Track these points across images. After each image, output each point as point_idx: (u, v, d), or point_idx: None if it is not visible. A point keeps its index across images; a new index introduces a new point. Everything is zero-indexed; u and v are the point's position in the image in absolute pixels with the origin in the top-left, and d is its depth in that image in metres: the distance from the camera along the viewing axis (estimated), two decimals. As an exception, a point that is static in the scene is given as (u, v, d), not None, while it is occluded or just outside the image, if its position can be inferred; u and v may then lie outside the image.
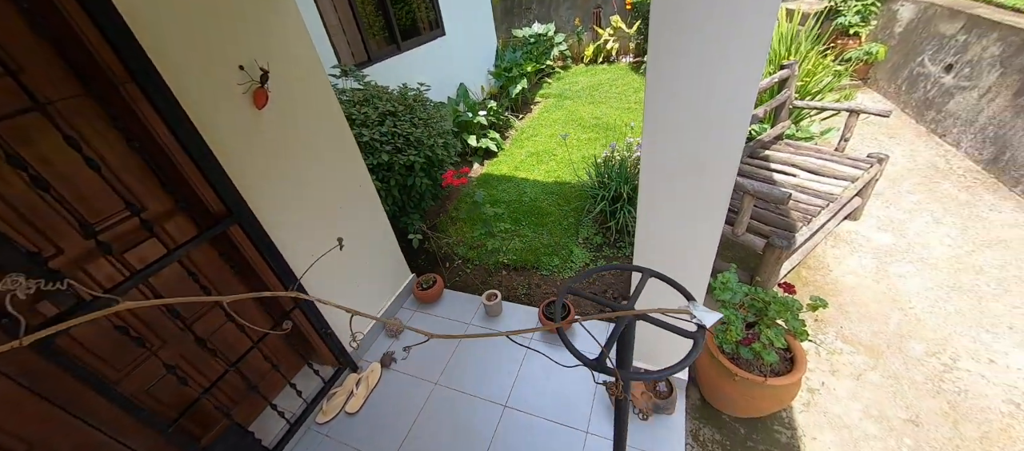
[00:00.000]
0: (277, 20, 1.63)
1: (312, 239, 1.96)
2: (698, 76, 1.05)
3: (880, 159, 2.64)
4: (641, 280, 0.90)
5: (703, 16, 0.96)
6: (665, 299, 0.98)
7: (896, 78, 4.48)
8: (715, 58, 1.01)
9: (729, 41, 0.97)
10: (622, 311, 0.51)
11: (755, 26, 0.93)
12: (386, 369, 2.31)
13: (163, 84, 1.28)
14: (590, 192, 3.25)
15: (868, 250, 2.71)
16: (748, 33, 0.94)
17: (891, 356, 2.09)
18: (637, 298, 0.84)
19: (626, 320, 0.76)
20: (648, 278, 0.90)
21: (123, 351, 1.46)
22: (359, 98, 2.67)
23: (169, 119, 1.31)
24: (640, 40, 6.55)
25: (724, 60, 1.00)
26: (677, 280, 1.00)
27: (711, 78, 1.04)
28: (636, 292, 0.86)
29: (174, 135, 1.35)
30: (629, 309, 0.72)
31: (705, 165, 1.19)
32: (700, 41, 1.00)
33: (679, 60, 1.04)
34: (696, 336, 0.70)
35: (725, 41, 0.98)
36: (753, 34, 0.94)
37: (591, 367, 0.65)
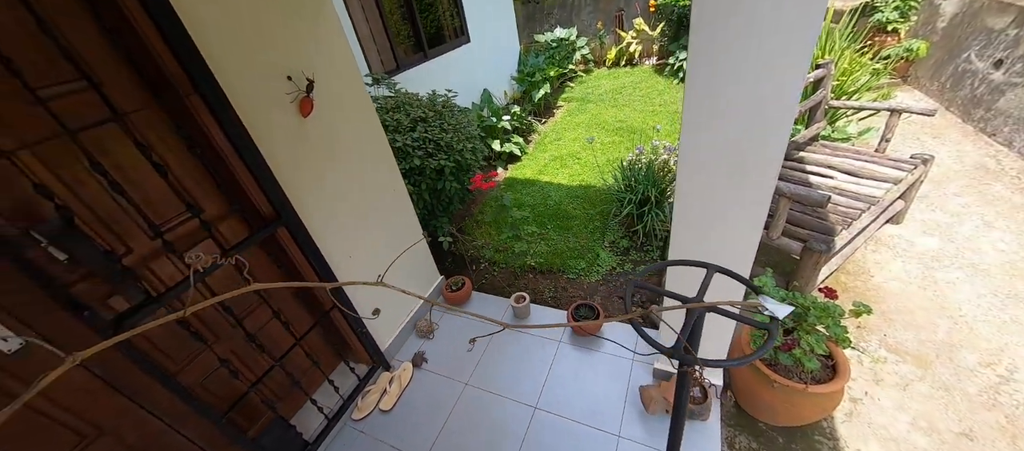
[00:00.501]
0: (322, 33, 1.72)
1: (350, 241, 2.03)
2: (740, 74, 1.05)
3: (924, 160, 2.53)
4: (707, 275, 0.91)
5: (746, 14, 0.96)
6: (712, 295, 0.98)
7: (939, 75, 4.27)
8: (759, 55, 1.01)
9: (774, 37, 0.97)
10: (694, 304, 0.52)
11: (801, 18, 0.93)
12: (417, 369, 2.36)
13: (222, 94, 1.37)
14: (616, 195, 3.23)
15: (913, 255, 2.59)
16: (794, 27, 0.94)
17: (941, 366, 1.99)
18: (704, 293, 0.85)
19: (697, 313, 0.77)
20: (713, 274, 0.91)
21: (182, 345, 1.56)
22: (391, 105, 2.76)
23: (226, 126, 1.40)
24: (664, 42, 6.48)
25: (768, 56, 1.00)
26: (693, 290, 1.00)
27: (754, 76, 1.04)
28: (702, 288, 0.87)
29: (230, 141, 1.44)
30: (700, 302, 0.73)
31: (746, 166, 1.18)
32: (743, 38, 1.00)
33: (720, 57, 1.05)
34: (770, 327, 0.71)
35: (769, 37, 0.97)
36: (799, 28, 0.94)
37: (668, 354, 0.67)
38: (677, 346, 0.73)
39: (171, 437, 1.54)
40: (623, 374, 2.11)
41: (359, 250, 2.09)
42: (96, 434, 1.35)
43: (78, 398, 1.29)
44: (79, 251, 1.15)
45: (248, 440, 1.68)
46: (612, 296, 2.66)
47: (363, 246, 2.12)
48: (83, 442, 1.32)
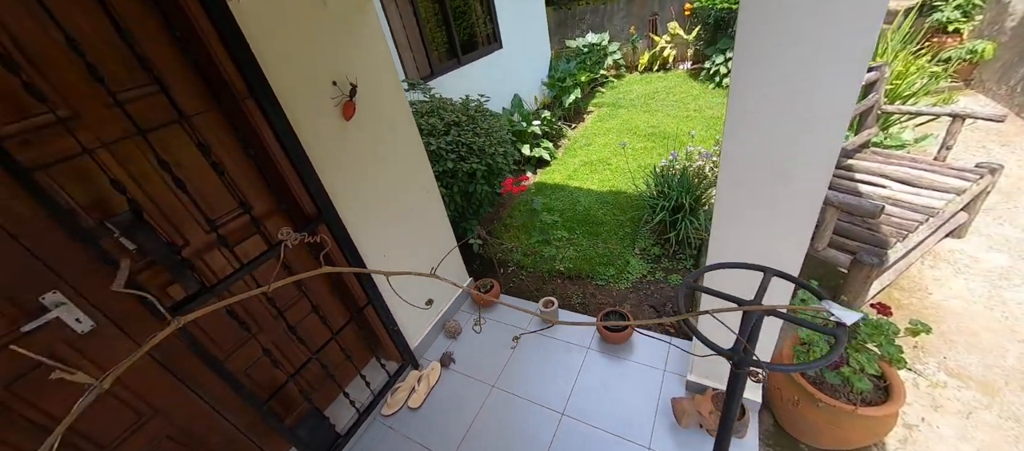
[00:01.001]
0: (365, 40, 1.79)
1: (385, 240, 2.10)
2: (786, 78, 1.01)
3: (992, 169, 2.33)
4: (764, 278, 0.88)
5: (796, 21, 0.93)
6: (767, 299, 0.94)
7: (1008, 78, 3.93)
8: (806, 58, 0.96)
9: (822, 37, 0.93)
10: (752, 307, 0.51)
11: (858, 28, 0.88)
12: (445, 369, 2.39)
13: (274, 98, 1.45)
14: (648, 202, 3.17)
15: (977, 272, 2.39)
16: (849, 34, 0.90)
17: (1010, 394, 1.82)
18: (762, 296, 0.82)
19: (754, 316, 0.75)
20: (771, 278, 0.88)
21: (229, 333, 1.65)
22: (426, 109, 2.83)
23: (277, 129, 1.48)
24: (700, 46, 6.32)
25: (820, 53, 0.95)
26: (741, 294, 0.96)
27: (801, 80, 1.00)
28: (761, 290, 0.84)
29: (280, 143, 1.52)
30: (758, 305, 0.70)
31: (791, 175, 1.13)
32: (791, 41, 0.96)
33: (766, 65, 1.01)
34: (837, 333, 0.68)
35: (820, 41, 0.93)
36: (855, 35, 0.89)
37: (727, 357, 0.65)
38: (736, 349, 0.70)
39: (217, 421, 1.63)
40: (653, 385, 2.05)
41: (393, 249, 2.15)
42: (152, 413, 1.45)
43: (138, 378, 1.39)
44: (146, 242, 1.25)
45: (286, 428, 1.75)
46: (643, 304, 2.60)
47: (397, 245, 2.18)
48: (140, 420, 1.42)
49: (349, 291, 2.05)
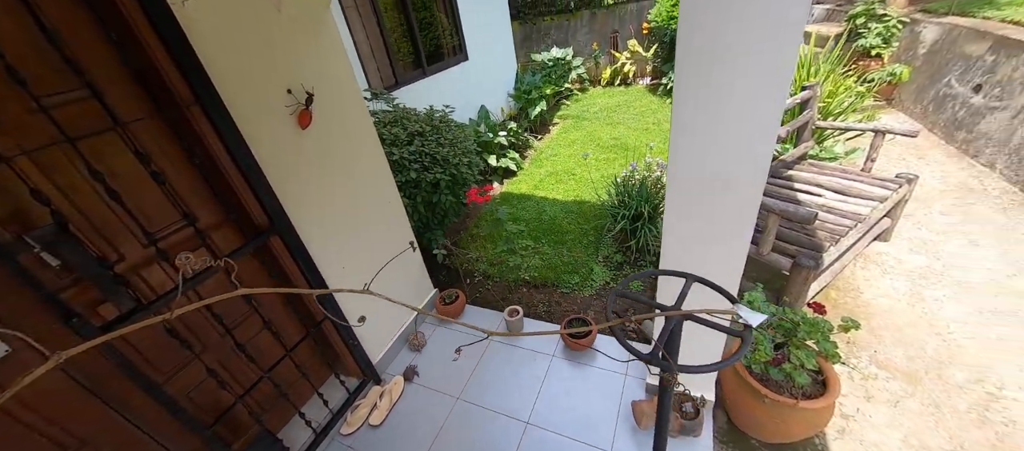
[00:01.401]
0: (323, 48, 1.77)
1: (344, 252, 2.04)
2: (723, 96, 1.09)
3: (909, 179, 2.59)
4: (686, 285, 0.93)
5: (727, 41, 1.01)
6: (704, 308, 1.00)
7: (922, 99, 4.41)
8: (739, 79, 1.05)
9: (754, 63, 1.02)
10: (672, 311, 0.54)
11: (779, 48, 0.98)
12: (408, 383, 2.34)
13: (222, 106, 1.40)
14: (610, 211, 3.27)
15: (901, 272, 2.63)
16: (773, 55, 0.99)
17: (930, 383, 2.00)
18: (682, 302, 0.87)
19: (674, 321, 0.79)
20: (691, 283, 0.93)
21: (169, 355, 1.54)
22: (389, 119, 2.81)
23: (225, 137, 1.42)
24: (657, 63, 6.66)
25: (749, 80, 1.04)
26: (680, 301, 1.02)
27: (736, 98, 1.08)
28: (681, 296, 0.89)
29: (228, 151, 1.46)
30: (677, 310, 0.74)
31: (730, 183, 1.21)
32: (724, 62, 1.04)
33: (705, 80, 1.09)
34: (744, 334, 0.73)
35: (750, 63, 1.02)
36: (777, 56, 0.98)
37: (645, 361, 0.68)
38: (653, 352, 0.74)
39: (153, 450, 1.51)
40: (615, 389, 2.10)
41: (353, 261, 2.09)
42: (77, 445, 1.33)
43: (59, 406, 1.27)
44: (71, 257, 1.16)
45: (233, 454, 1.65)
46: (606, 311, 2.66)
47: (357, 258, 2.12)
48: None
49: (305, 305, 1.97)
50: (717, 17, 0.99)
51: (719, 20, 0.99)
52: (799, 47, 0.98)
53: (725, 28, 1.00)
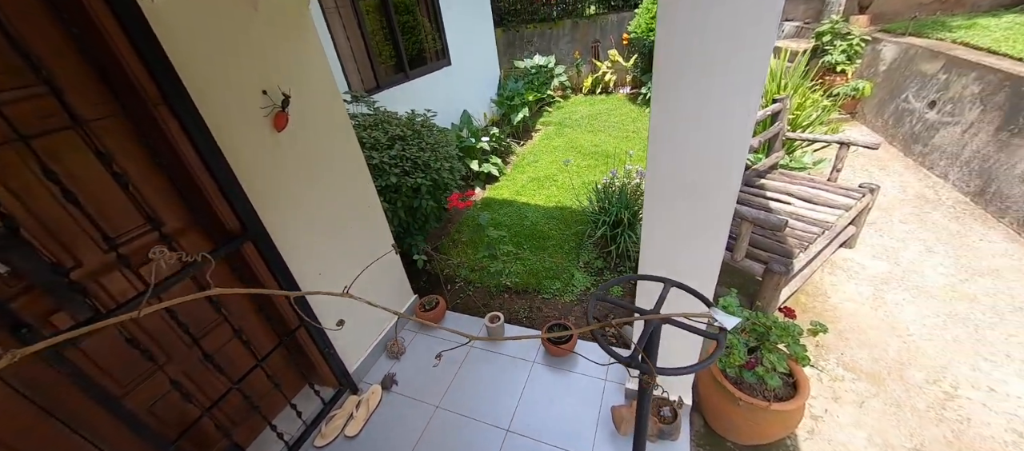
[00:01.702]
0: (301, 49, 1.73)
1: (321, 258, 1.99)
2: (698, 107, 1.13)
3: (871, 189, 2.73)
4: (664, 290, 0.94)
5: (702, 57, 1.05)
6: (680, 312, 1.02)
7: (883, 113, 4.67)
8: (714, 92, 1.09)
9: (726, 77, 1.05)
10: (651, 315, 0.55)
11: (750, 62, 1.01)
12: (387, 391, 2.29)
13: (192, 106, 1.35)
14: (591, 217, 3.31)
15: (864, 278, 2.76)
16: (744, 69, 1.02)
17: (892, 383, 2.10)
18: (660, 306, 0.88)
19: (653, 324, 0.80)
20: (669, 288, 0.95)
21: (129, 366, 1.46)
22: (369, 122, 2.77)
23: (195, 139, 1.37)
24: (637, 73, 6.82)
25: (722, 92, 1.08)
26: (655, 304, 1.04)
27: (710, 110, 1.12)
28: (659, 301, 0.90)
29: (198, 154, 1.40)
30: (655, 314, 0.76)
31: (706, 191, 1.25)
32: (699, 77, 1.08)
33: (681, 93, 1.12)
34: (719, 337, 0.75)
35: (723, 77, 1.06)
36: (749, 70, 1.02)
37: (625, 363, 0.69)
38: (633, 355, 0.75)
39: (111, 468, 1.42)
40: (596, 395, 2.11)
41: (331, 268, 2.04)
42: (24, 465, 1.23)
43: (4, 421, 1.18)
44: (22, 263, 1.08)
45: (199, 470, 1.57)
46: (586, 316, 2.68)
47: (335, 264, 2.07)
48: (8, 474, 1.20)
49: (278, 312, 1.91)
50: (692, 34, 1.02)
51: (694, 37, 1.03)
52: (769, 62, 1.02)
53: (700, 45, 1.03)
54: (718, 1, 0.97)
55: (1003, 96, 3.31)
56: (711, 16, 0.99)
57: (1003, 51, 3.70)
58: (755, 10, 0.95)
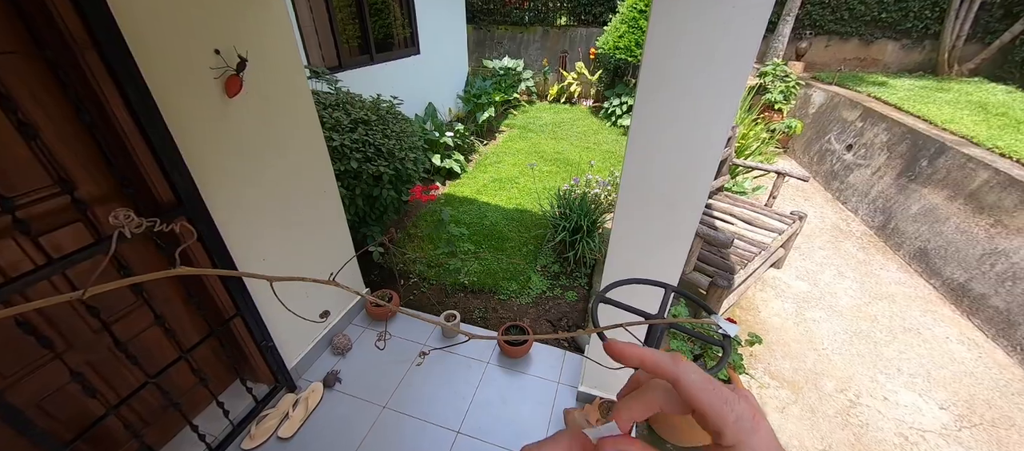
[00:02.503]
0: (263, 10, 1.57)
1: (266, 241, 1.82)
2: (675, 130, 1.18)
3: (800, 217, 3.04)
4: (665, 295, 0.96)
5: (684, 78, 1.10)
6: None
7: (810, 150, 5.24)
8: (692, 112, 1.14)
9: (704, 97, 1.11)
10: (657, 320, 0.55)
11: (727, 87, 1.08)
12: (329, 389, 2.14)
13: (128, 56, 1.17)
14: (551, 222, 3.36)
15: (789, 295, 3.06)
16: (722, 93, 1.09)
17: (808, 391, 2.34)
18: (664, 311, 0.90)
19: (659, 330, 0.81)
20: (671, 294, 0.97)
21: (15, 353, 1.23)
22: (331, 101, 2.59)
23: (130, 94, 1.19)
24: (601, 87, 7.07)
25: (699, 114, 1.14)
26: (641, 307, 1.08)
27: (687, 129, 1.17)
28: (663, 306, 0.92)
29: (131, 112, 1.22)
30: (662, 319, 0.77)
31: (676, 204, 1.31)
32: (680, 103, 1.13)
33: (659, 117, 1.17)
34: (724, 344, 0.77)
35: (702, 99, 1.12)
36: (724, 94, 1.09)
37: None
38: None
39: (-18, 474, 1.18)
40: (548, 397, 2.13)
41: (276, 252, 1.88)
42: None
43: None
44: None
45: (99, 476, 1.36)
46: (541, 319, 2.71)
47: (282, 248, 1.91)
48: None
49: (211, 299, 1.71)
50: (676, 58, 1.07)
51: (676, 68, 1.08)
52: (741, 94, 1.10)
53: (683, 68, 1.09)
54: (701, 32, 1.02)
55: (905, 146, 3.85)
56: (695, 45, 1.04)
57: (906, 108, 4.31)
58: (736, 43, 1.01)
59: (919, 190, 3.56)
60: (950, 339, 2.71)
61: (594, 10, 7.69)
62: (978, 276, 2.88)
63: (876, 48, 6.81)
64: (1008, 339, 2.60)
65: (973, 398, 2.32)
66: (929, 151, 3.62)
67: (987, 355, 2.59)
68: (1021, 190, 2.84)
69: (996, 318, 2.70)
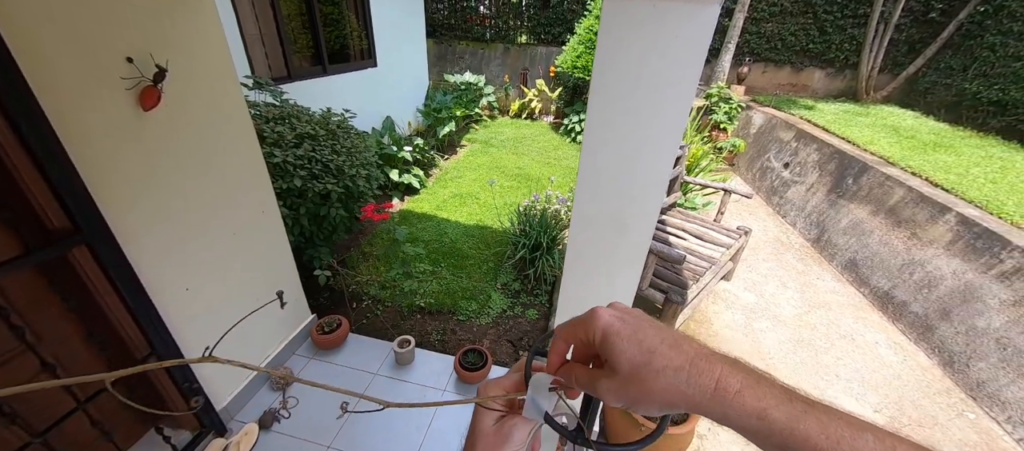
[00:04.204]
0: (190, 15, 1.43)
1: (190, 269, 1.63)
2: (625, 148, 1.18)
3: (746, 231, 3.21)
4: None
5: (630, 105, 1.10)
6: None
7: (752, 168, 5.61)
8: (639, 135, 1.15)
9: (652, 120, 1.12)
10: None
11: (673, 110, 1.09)
12: (266, 431, 1.94)
13: (8, 58, 1.00)
14: (512, 239, 3.32)
15: (738, 307, 3.19)
16: (668, 115, 1.10)
17: (759, 402, 2.42)
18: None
19: None
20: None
21: None
22: (274, 115, 2.42)
23: (9, 104, 1.01)
24: (561, 104, 7.23)
25: (647, 136, 1.14)
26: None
27: (635, 151, 1.18)
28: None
29: (11, 124, 1.04)
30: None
31: (628, 225, 1.30)
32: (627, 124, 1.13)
33: (609, 133, 1.16)
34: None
35: (649, 120, 1.12)
36: (672, 116, 1.10)
37: (571, 439, 0.59)
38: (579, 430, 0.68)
39: None
40: (508, 423, 2.05)
41: (203, 281, 1.69)
42: None
43: None
44: None
45: None
46: (501, 339, 2.63)
47: (210, 276, 1.72)
48: None
49: (118, 335, 1.49)
50: (623, 90, 1.08)
51: (624, 91, 1.09)
52: (687, 117, 1.11)
53: (629, 100, 1.09)
54: (647, 58, 1.03)
55: (834, 165, 4.21)
56: (642, 73, 1.05)
57: (833, 130, 4.73)
58: (679, 69, 1.03)
59: (847, 205, 3.89)
60: (879, 344, 2.93)
61: (553, 30, 7.92)
62: (900, 284, 3.16)
63: (805, 75, 7.49)
64: (928, 342, 2.85)
65: (901, 399, 2.50)
66: (854, 170, 3.97)
67: (911, 358, 2.82)
68: (931, 206, 3.17)
69: (917, 323, 2.95)
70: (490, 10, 8.21)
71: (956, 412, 2.46)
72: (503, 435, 0.41)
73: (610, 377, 0.34)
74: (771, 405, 0.29)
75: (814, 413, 0.29)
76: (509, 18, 8.11)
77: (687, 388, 0.31)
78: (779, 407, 0.29)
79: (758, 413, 0.30)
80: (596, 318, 0.35)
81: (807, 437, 0.28)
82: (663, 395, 0.32)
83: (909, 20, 6.54)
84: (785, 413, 0.29)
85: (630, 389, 0.33)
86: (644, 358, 0.32)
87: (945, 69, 6.22)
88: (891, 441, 0.27)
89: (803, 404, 0.30)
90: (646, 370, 0.32)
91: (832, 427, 0.28)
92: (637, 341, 0.33)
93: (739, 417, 0.30)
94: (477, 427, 0.43)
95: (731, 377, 0.31)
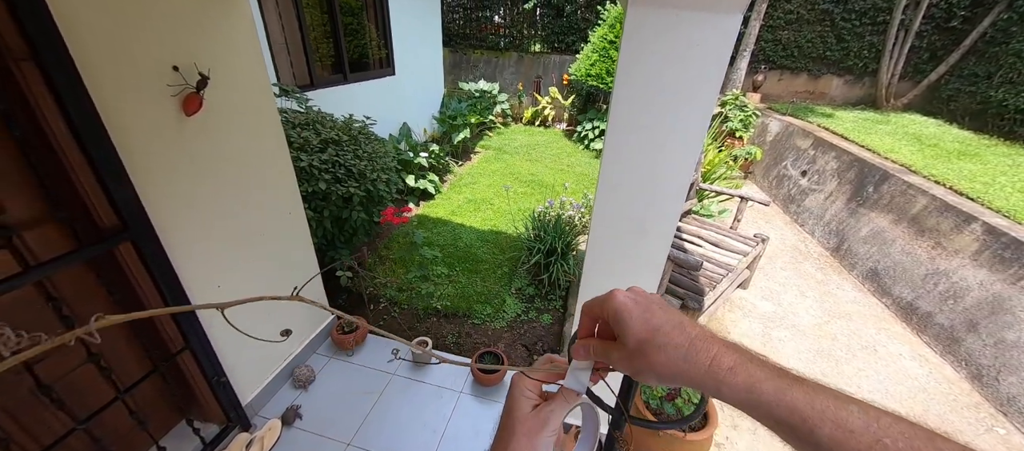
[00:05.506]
0: (230, 26, 1.52)
1: (222, 267, 1.70)
2: (645, 153, 1.21)
3: (763, 239, 3.18)
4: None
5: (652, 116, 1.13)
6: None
7: (768, 175, 5.55)
8: (660, 141, 1.17)
9: (673, 126, 1.15)
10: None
11: (693, 125, 1.12)
12: (288, 427, 1.99)
13: (71, 67, 1.08)
14: (526, 244, 3.35)
15: (756, 316, 3.16)
16: (689, 122, 1.12)
17: (777, 412, 2.38)
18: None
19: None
20: None
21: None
22: (300, 121, 2.52)
23: (69, 108, 1.10)
24: (573, 112, 7.27)
25: (668, 142, 1.17)
26: None
27: (656, 156, 1.20)
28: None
29: (71, 127, 1.12)
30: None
31: (648, 230, 1.32)
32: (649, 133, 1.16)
33: (631, 138, 1.19)
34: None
35: (670, 127, 1.15)
36: (693, 123, 1.13)
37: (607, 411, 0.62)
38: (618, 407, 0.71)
39: None
40: (524, 426, 2.06)
41: (233, 279, 1.76)
42: None
43: None
44: None
45: (8, 541, 1.18)
46: (516, 343, 2.65)
47: (239, 275, 1.79)
48: None
49: (156, 331, 1.57)
50: (645, 97, 1.11)
51: (646, 97, 1.11)
52: (709, 121, 1.14)
53: (650, 107, 1.12)
54: (669, 66, 1.06)
55: (853, 173, 4.14)
56: (664, 80, 1.08)
57: (852, 138, 4.66)
58: (700, 77, 1.06)
59: (867, 214, 3.82)
60: (903, 356, 2.86)
61: (566, 39, 7.99)
62: (924, 295, 3.08)
63: (823, 82, 7.39)
64: (954, 355, 2.77)
65: (927, 413, 2.44)
66: (874, 178, 3.90)
67: (937, 371, 2.75)
68: (955, 215, 3.10)
69: (942, 335, 2.88)
70: (504, 19, 8.34)
71: (985, 427, 2.39)
72: (541, 420, 0.44)
73: (619, 349, 0.39)
74: (760, 379, 0.32)
75: (801, 386, 0.31)
76: (523, 27, 8.22)
77: (685, 364, 0.35)
78: (768, 381, 0.32)
79: (748, 387, 0.32)
80: (612, 298, 0.39)
81: (794, 407, 0.30)
82: (663, 368, 0.36)
83: (930, 27, 6.42)
84: (774, 386, 0.32)
85: (635, 361, 0.37)
86: (649, 335, 0.36)
87: (969, 76, 6.08)
88: (875, 412, 0.29)
89: (791, 379, 0.32)
90: (650, 346, 0.36)
91: (818, 399, 0.30)
92: (645, 320, 0.37)
93: (731, 391, 0.33)
94: (515, 413, 0.45)
95: (725, 356, 0.34)
